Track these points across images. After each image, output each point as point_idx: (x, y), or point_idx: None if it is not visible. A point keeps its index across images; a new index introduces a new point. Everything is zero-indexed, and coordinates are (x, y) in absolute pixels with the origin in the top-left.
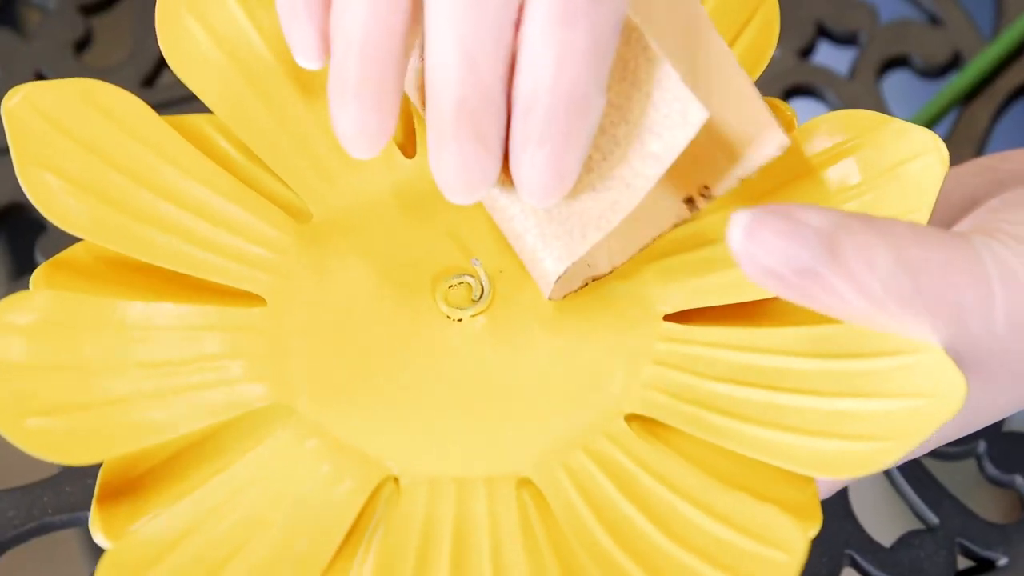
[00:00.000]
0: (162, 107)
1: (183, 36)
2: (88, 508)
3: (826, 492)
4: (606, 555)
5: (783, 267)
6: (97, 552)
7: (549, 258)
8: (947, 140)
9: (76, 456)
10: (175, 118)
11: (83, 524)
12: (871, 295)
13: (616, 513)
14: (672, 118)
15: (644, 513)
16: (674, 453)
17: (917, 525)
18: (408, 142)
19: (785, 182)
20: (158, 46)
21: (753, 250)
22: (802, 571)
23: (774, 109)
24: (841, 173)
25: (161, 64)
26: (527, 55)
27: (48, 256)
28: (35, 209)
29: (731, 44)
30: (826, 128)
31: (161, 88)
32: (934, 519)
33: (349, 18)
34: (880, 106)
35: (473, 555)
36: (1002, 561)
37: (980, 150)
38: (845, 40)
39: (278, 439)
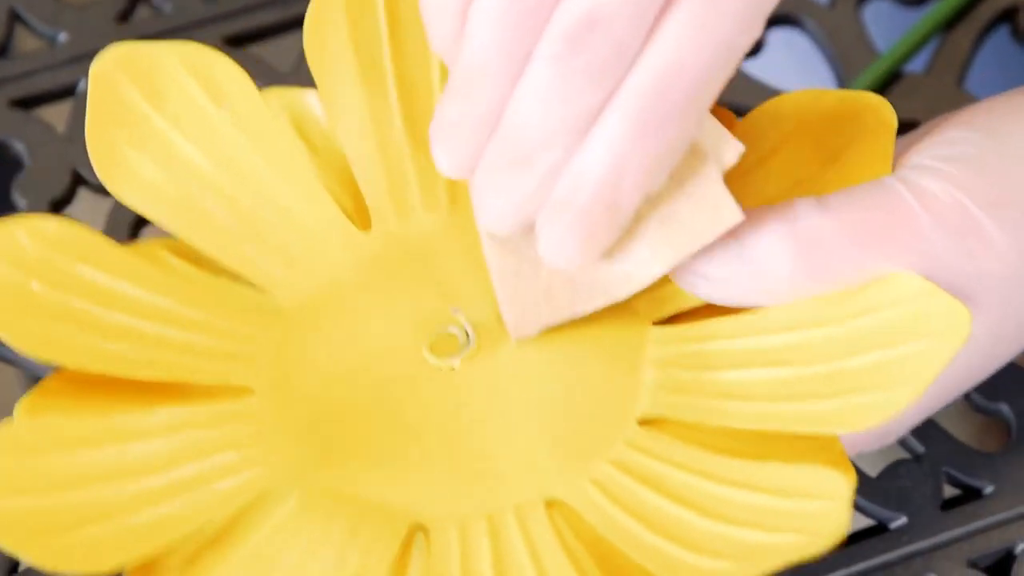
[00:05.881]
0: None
1: (120, 163)
2: None
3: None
4: (659, 553)
5: (706, 282)
6: None
7: (548, 308)
8: (928, 69)
9: (98, 566)
10: (129, 246)
11: None
12: (785, 283)
13: (658, 512)
14: (704, 212)
15: (685, 505)
16: (695, 446)
17: (903, 454)
18: (361, 216)
19: (742, 172)
20: None
21: (678, 272)
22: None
23: (713, 111)
24: (793, 156)
25: None
26: (597, 146)
27: (27, 195)
28: (14, 147)
29: None
30: (769, 115)
31: (137, 23)
32: (920, 448)
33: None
34: (861, 35)
35: None
36: (988, 489)
37: (961, 78)
38: None
39: (294, 515)
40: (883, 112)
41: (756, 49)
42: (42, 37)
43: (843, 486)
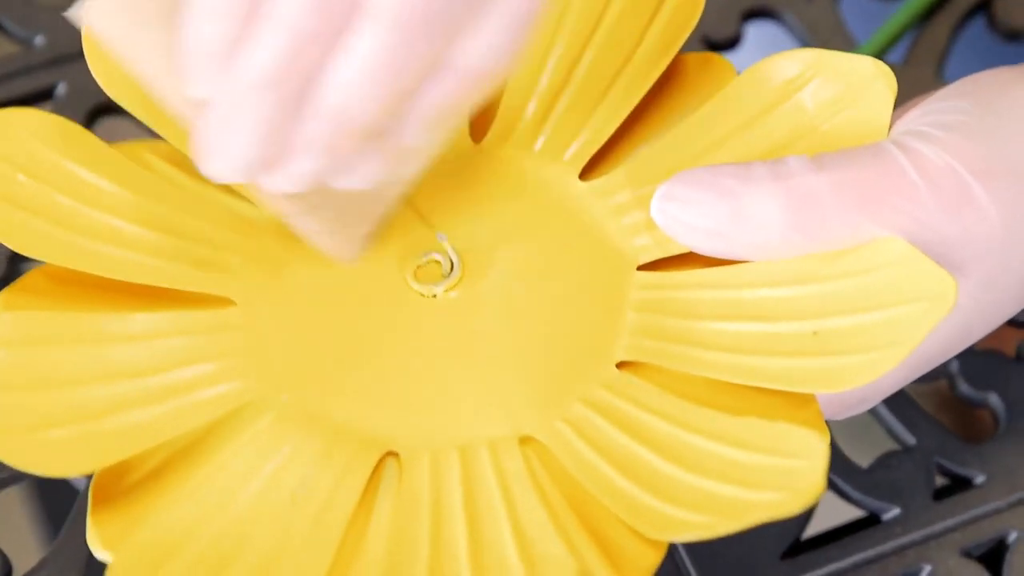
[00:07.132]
0: None
1: (113, 64)
2: None
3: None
4: (625, 496)
5: (694, 232)
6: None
7: (373, 217)
8: (906, 60)
9: (68, 468)
10: (117, 145)
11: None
12: (776, 238)
13: (628, 456)
14: None
15: (656, 451)
16: (671, 394)
17: (894, 446)
18: None
19: (738, 128)
20: None
21: (667, 221)
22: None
23: (709, 62)
24: (793, 112)
25: None
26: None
27: None
28: None
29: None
30: (770, 70)
31: None
32: (911, 439)
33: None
34: (839, 27)
35: (487, 512)
36: (979, 479)
37: (939, 69)
38: None
39: (269, 431)
40: (883, 77)
41: (734, 42)
42: (18, 41)
43: (819, 445)
